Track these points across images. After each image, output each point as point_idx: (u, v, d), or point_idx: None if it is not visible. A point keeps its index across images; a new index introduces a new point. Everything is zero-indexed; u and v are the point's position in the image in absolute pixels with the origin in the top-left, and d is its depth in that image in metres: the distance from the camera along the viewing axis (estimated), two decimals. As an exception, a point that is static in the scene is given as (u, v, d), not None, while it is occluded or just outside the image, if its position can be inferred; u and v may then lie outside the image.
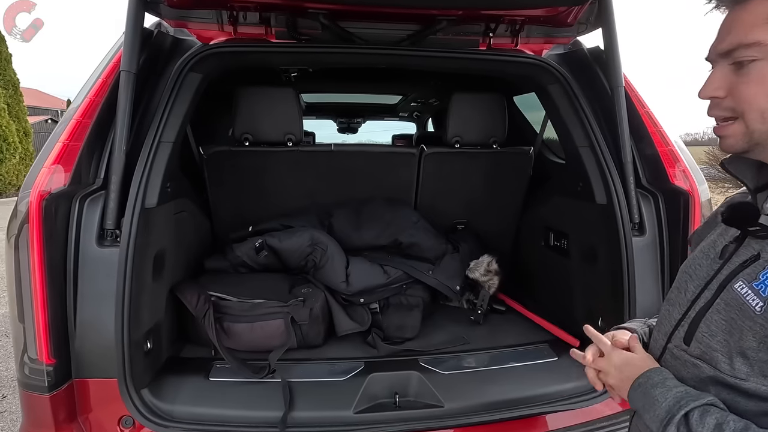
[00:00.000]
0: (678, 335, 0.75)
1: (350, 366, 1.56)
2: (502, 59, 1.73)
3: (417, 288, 1.90)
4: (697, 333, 0.70)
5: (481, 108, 2.06)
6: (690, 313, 0.73)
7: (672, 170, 1.53)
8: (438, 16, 1.63)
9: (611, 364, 0.80)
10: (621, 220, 1.52)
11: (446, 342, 1.74)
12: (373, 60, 1.74)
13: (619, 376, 0.78)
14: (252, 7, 1.60)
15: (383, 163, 2.12)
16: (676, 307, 0.77)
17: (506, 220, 2.31)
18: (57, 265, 1.28)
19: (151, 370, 1.46)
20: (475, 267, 2.01)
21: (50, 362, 1.27)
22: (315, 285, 1.80)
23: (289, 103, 1.90)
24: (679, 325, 0.75)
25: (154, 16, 1.61)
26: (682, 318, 0.75)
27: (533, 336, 1.81)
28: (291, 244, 1.81)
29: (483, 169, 2.15)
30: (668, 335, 0.77)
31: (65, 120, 1.36)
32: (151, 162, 1.39)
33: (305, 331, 1.63)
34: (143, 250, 1.37)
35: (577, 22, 1.73)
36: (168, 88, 1.48)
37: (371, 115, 4.75)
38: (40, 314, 1.25)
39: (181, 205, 1.68)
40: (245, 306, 1.63)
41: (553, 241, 2.03)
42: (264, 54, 1.67)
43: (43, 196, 1.22)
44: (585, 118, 1.66)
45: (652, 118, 1.60)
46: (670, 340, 0.77)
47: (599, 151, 1.61)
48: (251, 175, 2.00)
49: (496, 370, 1.58)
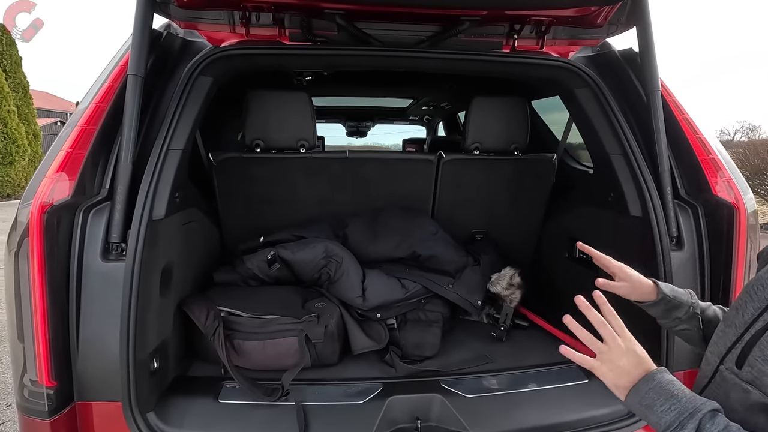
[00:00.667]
0: (731, 357, 0.73)
1: (367, 387, 1.47)
2: (528, 62, 1.64)
3: (436, 303, 1.81)
4: (750, 357, 0.69)
5: (502, 113, 1.97)
6: (745, 336, 0.71)
7: (714, 181, 1.43)
8: (461, 17, 1.55)
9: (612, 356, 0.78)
10: (658, 234, 1.42)
11: (468, 361, 1.64)
12: (392, 63, 1.66)
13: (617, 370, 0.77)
14: (265, 8, 1.53)
15: (400, 170, 2.03)
16: (732, 328, 0.75)
17: (527, 230, 2.22)
18: (59, 281, 1.21)
19: (157, 392, 1.38)
20: (497, 280, 1.91)
21: (51, 385, 1.19)
22: (329, 299, 1.72)
23: (303, 107, 1.82)
24: (733, 347, 0.73)
25: (163, 17, 1.54)
26: (737, 340, 0.73)
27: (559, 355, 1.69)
28: (304, 256, 1.72)
29: (504, 177, 2.06)
30: (721, 357, 0.75)
31: (69, 127, 1.28)
32: (159, 171, 1.32)
33: (320, 349, 1.54)
34: (150, 264, 1.30)
35: (608, 23, 1.64)
36: (177, 93, 1.40)
37: (381, 118, 4.68)
38: (41, 334, 1.17)
39: (189, 215, 1.61)
40: (256, 322, 1.54)
41: (578, 253, 1.93)
42: (278, 57, 1.59)
43: (44, 208, 1.15)
44: (617, 125, 1.57)
45: (692, 125, 1.50)
46: (722, 362, 0.75)
47: (633, 160, 1.51)
48: (262, 183, 1.91)
49: (523, 393, 1.48)
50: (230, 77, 1.58)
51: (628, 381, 0.75)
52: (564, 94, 1.78)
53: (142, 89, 1.30)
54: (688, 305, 0.97)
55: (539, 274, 2.23)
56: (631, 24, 1.65)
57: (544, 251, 2.23)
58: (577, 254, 1.94)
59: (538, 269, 2.25)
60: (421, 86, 3.17)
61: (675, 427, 0.68)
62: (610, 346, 0.79)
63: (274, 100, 1.80)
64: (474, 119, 1.95)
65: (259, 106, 1.80)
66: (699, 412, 0.67)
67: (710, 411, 0.68)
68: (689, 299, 0.98)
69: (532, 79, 1.90)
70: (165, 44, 1.51)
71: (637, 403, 0.74)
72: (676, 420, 0.68)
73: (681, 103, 1.54)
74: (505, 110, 1.98)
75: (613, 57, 1.70)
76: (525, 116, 1.99)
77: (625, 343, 0.78)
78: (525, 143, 2.00)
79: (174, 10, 1.54)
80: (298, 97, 1.82)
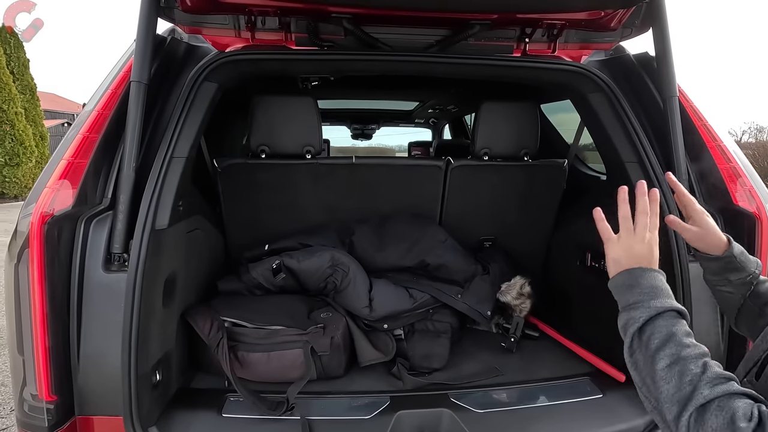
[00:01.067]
0: (754, 370, 0.74)
1: (374, 401, 1.43)
2: (539, 66, 1.60)
3: (444, 313, 1.77)
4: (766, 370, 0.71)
5: (512, 118, 1.92)
6: None
7: (735, 190, 1.38)
8: (471, 21, 1.51)
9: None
10: (675, 244, 1.38)
11: (477, 374, 1.60)
12: (400, 68, 1.62)
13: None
14: (271, 12, 1.49)
15: (407, 176, 1.99)
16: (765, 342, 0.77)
17: (537, 238, 2.17)
18: (59, 293, 1.18)
19: (159, 405, 1.34)
20: (506, 290, 1.86)
21: (51, 399, 1.17)
22: (335, 308, 1.68)
23: (309, 113, 1.79)
24: (759, 360, 0.74)
25: (167, 21, 1.52)
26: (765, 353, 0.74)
27: (572, 367, 1.66)
28: (310, 265, 1.69)
29: (513, 183, 2.01)
30: (748, 370, 0.76)
31: (71, 134, 1.26)
32: (163, 179, 1.29)
33: (326, 361, 1.51)
34: (153, 274, 1.27)
35: (622, 26, 1.60)
36: (181, 100, 1.37)
37: (386, 121, 4.65)
38: (41, 347, 1.14)
39: (193, 223, 1.58)
40: (261, 333, 1.51)
41: (590, 261, 1.88)
42: (284, 62, 1.56)
43: (45, 218, 1.13)
44: (633, 131, 1.52)
45: (711, 132, 1.45)
46: (748, 373, 0.76)
47: (649, 168, 1.46)
48: (268, 189, 1.88)
49: (535, 409, 1.43)
50: (236, 83, 1.55)
51: (628, 263, 0.81)
52: (576, 99, 1.73)
53: (146, 96, 1.27)
54: (749, 273, 0.93)
55: (550, 282, 2.18)
56: (646, 27, 1.61)
57: (554, 259, 2.18)
58: (588, 263, 1.90)
59: (548, 278, 2.20)
60: (427, 89, 3.13)
61: (630, 305, 0.76)
62: (637, 231, 0.83)
63: (279, 106, 1.77)
64: (483, 124, 1.90)
65: (264, 111, 1.77)
66: (663, 308, 0.74)
67: (671, 310, 0.74)
68: (754, 268, 0.94)
69: (544, 84, 1.86)
70: (169, 49, 1.48)
71: (621, 282, 0.80)
72: (639, 301, 0.76)
73: (699, 109, 1.49)
74: (515, 115, 1.93)
75: (628, 61, 1.66)
76: (535, 121, 1.94)
77: (649, 237, 0.83)
78: (535, 149, 1.96)
79: (178, 14, 1.50)
80: (303, 102, 1.79)
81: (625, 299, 0.78)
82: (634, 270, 0.80)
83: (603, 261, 1.80)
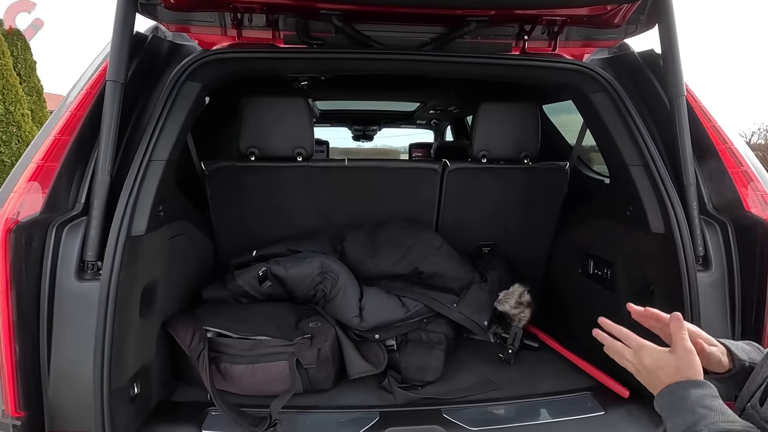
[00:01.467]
0: (758, 394, 0.73)
1: (363, 416, 1.36)
2: (540, 65, 1.52)
3: (439, 322, 1.69)
4: None
5: (511, 119, 1.85)
6: None
7: (746, 195, 1.30)
8: (467, 17, 1.44)
9: (641, 363, 0.79)
10: (683, 253, 1.30)
11: (473, 387, 1.52)
12: (393, 66, 1.55)
13: (648, 377, 0.78)
14: (258, 9, 1.43)
15: (402, 179, 1.92)
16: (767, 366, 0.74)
17: (537, 244, 2.09)
18: (28, 303, 1.12)
19: (138, 419, 1.29)
20: (504, 299, 1.79)
21: (18, 415, 1.11)
22: (324, 318, 1.61)
23: (299, 114, 1.72)
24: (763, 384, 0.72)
25: (149, 18, 1.46)
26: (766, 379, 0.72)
27: (573, 381, 1.58)
28: (298, 273, 1.62)
29: (513, 187, 1.94)
30: (752, 394, 0.74)
31: (41, 137, 1.20)
32: (140, 183, 1.23)
33: (312, 374, 1.44)
34: (129, 284, 1.21)
35: (626, 22, 1.52)
36: (161, 100, 1.31)
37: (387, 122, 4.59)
38: (5, 360, 1.08)
39: (177, 229, 1.51)
40: (246, 344, 1.44)
41: (593, 269, 1.80)
42: (271, 60, 1.50)
43: (10, 225, 1.06)
44: (637, 132, 1.44)
45: (721, 134, 1.37)
46: (752, 397, 0.74)
47: (655, 172, 1.38)
48: (257, 193, 1.82)
49: (534, 426, 1.36)
50: (222, 83, 1.49)
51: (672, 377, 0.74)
52: (578, 99, 1.66)
53: (122, 96, 1.22)
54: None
55: (550, 290, 2.10)
56: (652, 23, 1.53)
57: (555, 266, 2.10)
58: (591, 270, 1.81)
59: (549, 285, 2.12)
60: (427, 90, 3.06)
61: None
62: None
63: (269, 107, 1.71)
64: (481, 126, 1.83)
65: (253, 112, 1.70)
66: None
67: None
68: (759, 355, 0.81)
69: (544, 83, 1.78)
70: (151, 48, 1.42)
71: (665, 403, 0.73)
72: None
73: (708, 109, 1.41)
74: (514, 117, 1.86)
75: (632, 59, 1.58)
76: (536, 122, 1.87)
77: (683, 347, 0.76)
78: (536, 151, 1.88)
79: (161, 11, 1.45)
80: (294, 102, 1.72)
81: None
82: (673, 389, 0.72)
83: (607, 269, 1.73)
